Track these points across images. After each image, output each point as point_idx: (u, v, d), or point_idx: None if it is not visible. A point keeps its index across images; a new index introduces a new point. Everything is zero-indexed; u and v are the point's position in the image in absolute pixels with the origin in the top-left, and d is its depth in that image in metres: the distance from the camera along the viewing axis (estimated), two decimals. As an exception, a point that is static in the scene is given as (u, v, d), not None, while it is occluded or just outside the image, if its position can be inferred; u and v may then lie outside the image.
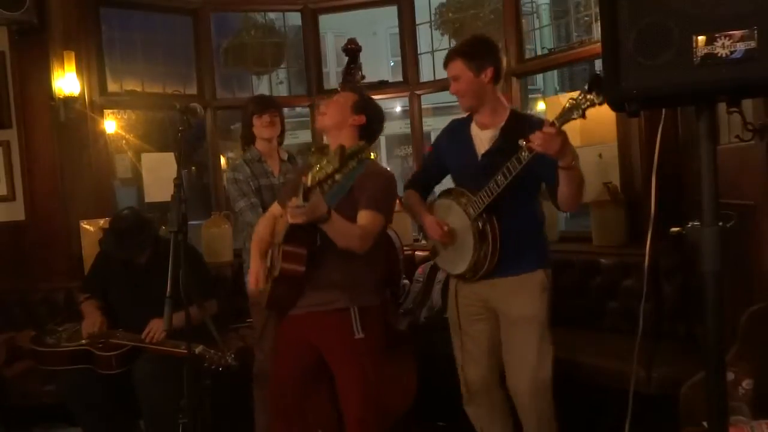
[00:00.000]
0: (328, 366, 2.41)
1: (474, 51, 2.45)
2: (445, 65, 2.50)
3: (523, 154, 2.18)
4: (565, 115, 2.03)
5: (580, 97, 2.00)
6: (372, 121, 2.43)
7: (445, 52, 2.59)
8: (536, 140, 2.09)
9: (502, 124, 2.45)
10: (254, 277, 2.43)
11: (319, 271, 2.28)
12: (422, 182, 2.72)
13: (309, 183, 1.99)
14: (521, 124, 2.36)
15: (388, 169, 3.75)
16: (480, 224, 2.38)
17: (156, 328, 2.90)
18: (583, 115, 2.01)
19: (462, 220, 2.44)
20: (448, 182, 2.69)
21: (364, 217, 2.27)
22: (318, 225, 2.12)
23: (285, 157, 3.16)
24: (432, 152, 2.78)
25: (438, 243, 2.57)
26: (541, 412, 2.46)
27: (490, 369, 2.57)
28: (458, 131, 2.60)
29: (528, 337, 2.43)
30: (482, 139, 2.48)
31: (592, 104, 1.97)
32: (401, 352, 3.05)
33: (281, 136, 3.18)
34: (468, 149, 2.51)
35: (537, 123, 2.23)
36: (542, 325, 2.45)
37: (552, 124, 2.07)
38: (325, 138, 2.62)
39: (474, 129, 2.53)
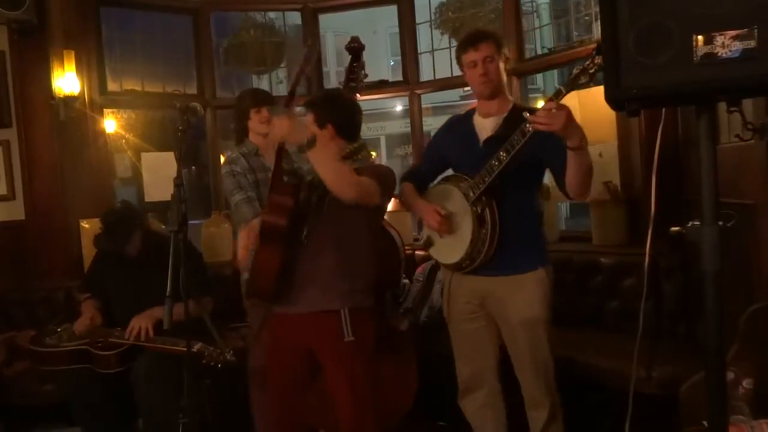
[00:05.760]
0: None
1: (500, 39, 2.49)
2: (475, 45, 2.41)
3: (527, 126, 2.15)
4: (574, 81, 2.01)
5: (588, 62, 1.99)
6: (344, 121, 2.29)
7: (445, 51, 2.59)
8: (539, 119, 2.05)
9: (506, 114, 2.45)
10: (244, 249, 2.33)
11: (311, 270, 2.25)
12: (419, 175, 2.70)
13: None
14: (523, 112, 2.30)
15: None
16: (479, 208, 2.36)
17: (136, 326, 2.88)
18: (590, 80, 2.00)
19: (461, 204, 2.42)
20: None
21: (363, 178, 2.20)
22: (307, 151, 2.07)
23: None
24: (430, 147, 2.78)
25: (432, 232, 2.54)
26: (552, 406, 2.47)
27: (481, 366, 2.56)
28: (459, 123, 2.61)
29: (533, 341, 2.42)
30: (485, 126, 2.48)
31: (600, 68, 1.94)
32: (402, 353, 3.04)
33: None
34: (470, 138, 2.50)
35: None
36: (546, 325, 2.44)
37: (551, 99, 2.06)
38: None
39: (477, 119, 2.53)
